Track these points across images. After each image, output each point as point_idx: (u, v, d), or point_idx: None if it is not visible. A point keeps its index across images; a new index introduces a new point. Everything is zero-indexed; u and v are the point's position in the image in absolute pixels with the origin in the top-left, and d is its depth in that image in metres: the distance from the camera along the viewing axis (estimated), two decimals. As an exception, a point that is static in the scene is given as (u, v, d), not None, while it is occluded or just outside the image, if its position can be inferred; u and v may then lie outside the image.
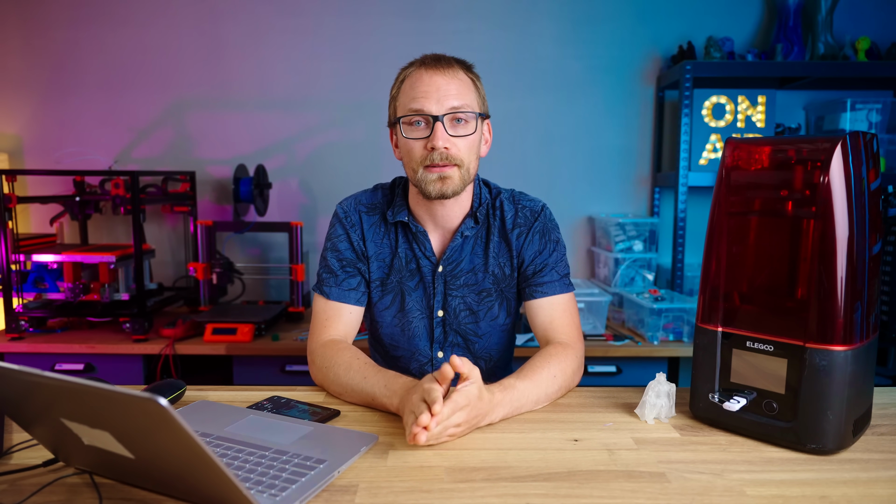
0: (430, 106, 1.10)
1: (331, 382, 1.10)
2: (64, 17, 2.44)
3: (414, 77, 1.13)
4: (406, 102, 1.12)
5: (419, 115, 1.11)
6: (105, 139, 2.50)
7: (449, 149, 1.10)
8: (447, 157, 1.10)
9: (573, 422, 0.98)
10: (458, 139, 1.12)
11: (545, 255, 1.23)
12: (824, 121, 2.42)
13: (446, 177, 1.11)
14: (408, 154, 1.14)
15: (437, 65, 1.12)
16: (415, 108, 1.10)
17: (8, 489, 0.75)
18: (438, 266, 1.23)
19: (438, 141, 1.09)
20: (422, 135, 1.11)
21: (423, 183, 1.12)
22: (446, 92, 1.10)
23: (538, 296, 1.21)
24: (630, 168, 2.58)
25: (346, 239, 1.24)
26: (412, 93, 1.12)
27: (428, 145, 1.10)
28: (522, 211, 1.25)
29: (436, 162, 1.10)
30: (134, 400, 0.58)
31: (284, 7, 2.46)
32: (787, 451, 0.88)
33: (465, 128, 1.12)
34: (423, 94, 1.10)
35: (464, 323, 1.24)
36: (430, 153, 1.10)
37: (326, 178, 2.54)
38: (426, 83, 1.11)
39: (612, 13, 2.49)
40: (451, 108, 1.10)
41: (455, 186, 1.13)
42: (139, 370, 1.99)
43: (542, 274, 1.22)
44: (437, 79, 1.11)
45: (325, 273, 1.23)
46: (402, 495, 0.75)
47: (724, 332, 0.95)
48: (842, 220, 0.82)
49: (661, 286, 2.47)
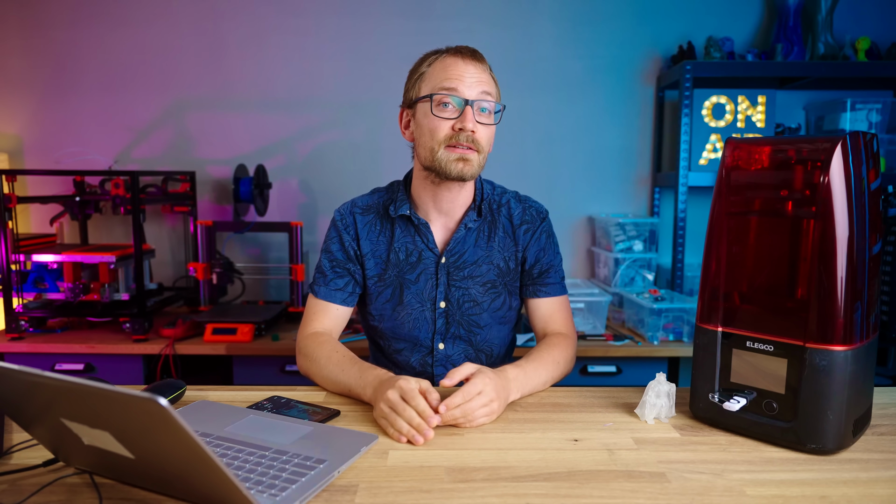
0: (463, 89, 1.14)
1: (314, 374, 1.16)
2: (64, 17, 2.44)
3: (448, 61, 1.17)
4: (438, 82, 1.15)
5: (452, 96, 1.14)
6: (105, 139, 2.50)
7: (476, 132, 1.14)
8: (473, 140, 1.14)
9: (573, 422, 0.98)
10: (482, 126, 1.16)
11: (549, 256, 1.30)
12: (824, 121, 2.42)
13: (468, 159, 1.15)
14: (430, 132, 1.16)
15: (473, 55, 1.18)
16: (448, 88, 1.14)
17: (8, 489, 0.75)
18: (442, 257, 1.26)
19: (469, 122, 1.13)
20: (451, 115, 1.15)
21: (443, 162, 1.15)
22: (479, 79, 1.16)
23: (542, 295, 1.29)
24: (630, 168, 2.58)
25: (338, 241, 1.29)
26: (445, 74, 1.15)
27: (456, 125, 1.14)
28: (529, 210, 1.31)
29: (462, 142, 1.14)
30: (134, 400, 0.58)
31: (285, 7, 2.46)
32: (787, 451, 0.88)
33: (488, 117, 1.18)
34: (458, 77, 1.14)
35: (467, 314, 1.27)
36: (456, 133, 1.14)
37: (326, 178, 2.54)
38: (461, 68, 1.15)
39: (612, 13, 2.49)
40: (483, 93, 1.15)
41: (473, 170, 1.17)
42: (139, 370, 1.99)
43: (548, 275, 1.29)
44: (470, 66, 1.16)
45: (317, 273, 1.31)
46: (402, 495, 0.75)
47: (724, 332, 0.95)
48: (842, 220, 0.82)
49: (661, 286, 2.47)
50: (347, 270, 1.27)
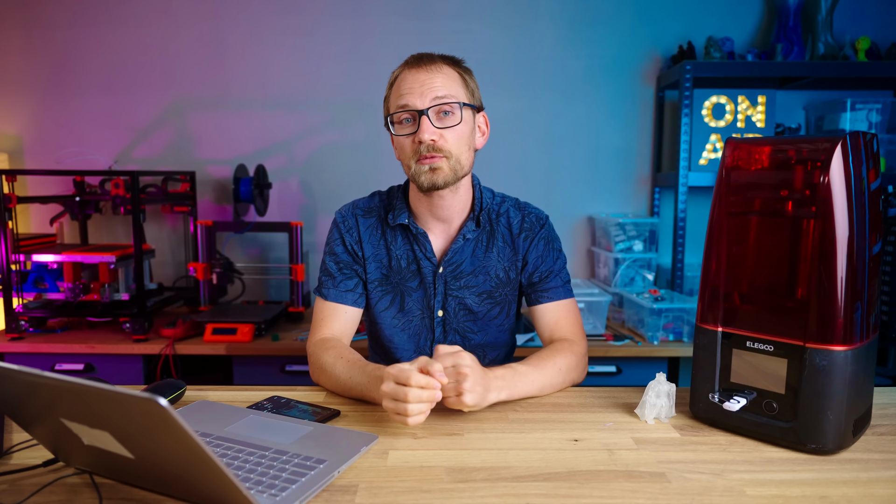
0: (413, 101, 1.13)
1: (325, 380, 1.14)
2: (64, 17, 2.44)
3: (400, 77, 1.17)
4: (394, 101, 1.16)
5: (405, 112, 1.14)
6: (105, 139, 2.50)
7: (436, 140, 1.13)
8: (435, 148, 1.13)
9: (573, 422, 0.98)
10: (446, 130, 1.14)
11: (549, 262, 1.27)
12: (824, 121, 2.42)
13: (436, 167, 1.14)
14: (401, 150, 1.18)
15: (419, 62, 1.16)
16: (401, 105, 1.14)
17: (8, 489, 0.75)
18: (439, 267, 1.25)
19: (424, 134, 1.12)
20: (410, 130, 1.15)
21: (417, 175, 1.15)
22: (430, 86, 1.13)
23: (544, 300, 1.26)
24: (630, 168, 2.58)
25: (341, 242, 1.27)
26: (398, 91, 1.16)
27: (416, 139, 1.13)
28: (528, 217, 1.29)
29: (424, 154, 1.13)
30: (134, 400, 0.58)
31: (285, 7, 2.46)
32: (787, 451, 0.88)
33: (451, 119, 1.15)
34: (408, 91, 1.14)
35: (462, 322, 1.26)
36: (418, 146, 1.13)
37: (326, 178, 2.54)
38: (410, 80, 1.14)
39: (612, 13, 2.49)
40: (435, 98, 1.13)
41: (446, 177, 1.15)
42: (139, 370, 1.99)
43: (548, 280, 1.26)
44: (420, 75, 1.14)
45: (324, 276, 1.27)
46: (402, 495, 0.75)
47: (724, 332, 0.95)
48: (842, 220, 0.82)
49: (661, 286, 2.47)
50: (355, 272, 1.26)
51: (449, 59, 1.19)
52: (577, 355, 1.18)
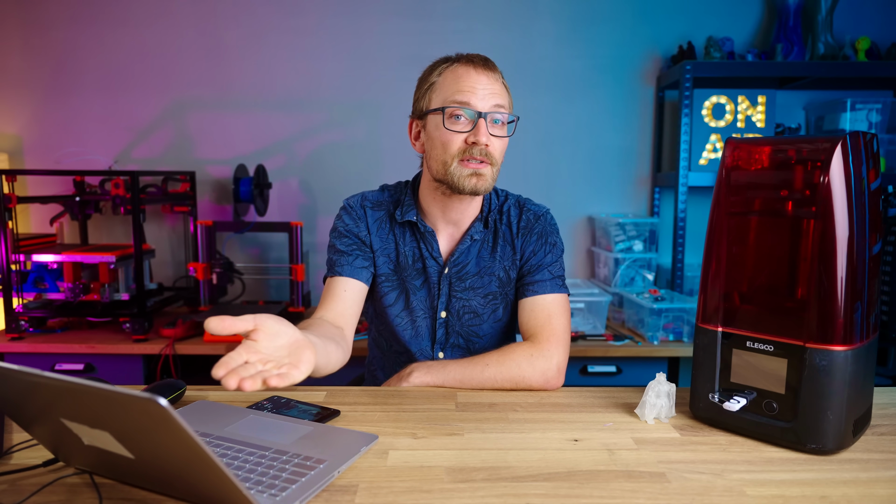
0: (476, 101, 1.11)
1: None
2: (64, 17, 2.44)
3: (460, 71, 1.14)
4: (450, 94, 1.12)
5: (464, 109, 1.11)
6: (105, 139, 2.50)
7: (489, 145, 1.12)
8: (486, 153, 1.12)
9: (573, 422, 0.98)
10: (496, 139, 1.13)
11: (540, 255, 1.24)
12: (824, 121, 2.42)
13: (481, 174, 1.13)
14: (442, 146, 1.14)
15: (485, 65, 1.14)
16: (461, 101, 1.11)
17: (8, 489, 0.75)
18: (445, 268, 1.24)
19: (482, 136, 1.10)
20: (463, 128, 1.12)
21: (456, 177, 1.13)
22: (491, 91, 1.12)
23: (528, 294, 1.22)
24: (630, 168, 2.58)
25: (353, 227, 1.24)
26: (457, 85, 1.12)
27: (469, 139, 1.11)
28: (527, 214, 1.27)
29: (475, 156, 1.11)
30: (134, 400, 0.58)
31: (285, 7, 2.46)
32: (787, 451, 0.88)
33: (501, 129, 1.15)
34: (470, 89, 1.11)
35: (467, 325, 1.25)
36: (469, 147, 1.11)
37: (326, 178, 2.54)
38: (474, 79, 1.12)
39: (612, 13, 2.49)
40: (496, 106, 1.12)
41: (487, 184, 1.14)
42: (139, 370, 1.99)
43: (535, 274, 1.23)
44: (483, 77, 1.13)
45: (335, 255, 1.23)
46: (402, 495, 0.75)
47: (724, 332, 0.95)
48: (842, 220, 0.82)
49: (661, 286, 2.47)
50: (365, 253, 1.23)
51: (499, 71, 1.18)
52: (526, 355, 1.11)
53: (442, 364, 1.15)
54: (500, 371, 1.11)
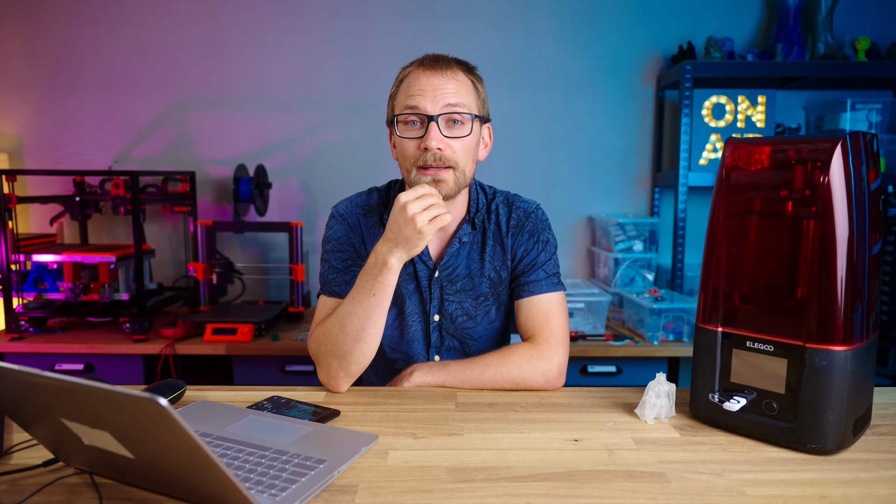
0: (425, 104, 1.09)
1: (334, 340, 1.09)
2: (64, 17, 2.44)
3: (412, 76, 1.12)
4: (402, 101, 1.12)
5: (414, 114, 1.10)
6: (105, 139, 2.50)
7: (443, 150, 1.09)
8: (441, 158, 1.09)
9: (573, 422, 0.98)
10: (454, 140, 1.10)
11: (533, 254, 1.22)
12: (824, 121, 2.42)
13: (440, 180, 1.10)
14: (402, 154, 1.14)
15: (435, 64, 1.11)
16: (410, 106, 1.10)
17: (8, 489, 0.75)
18: (435, 271, 1.23)
19: (432, 141, 1.08)
20: (416, 134, 1.10)
21: (417, 185, 1.10)
22: (443, 91, 1.09)
23: (525, 294, 1.20)
24: (630, 168, 2.58)
25: (347, 240, 1.23)
26: (408, 91, 1.11)
27: (421, 145, 1.09)
28: (516, 212, 1.24)
29: (429, 163, 1.09)
30: (134, 400, 0.58)
31: (284, 7, 2.46)
32: (787, 451, 0.88)
33: (460, 129, 1.11)
34: (419, 93, 1.09)
35: (460, 327, 1.24)
36: (423, 153, 1.09)
37: (326, 178, 2.54)
38: (423, 82, 1.10)
39: (612, 13, 2.49)
40: (447, 105, 1.09)
41: (449, 189, 1.11)
42: (139, 370, 1.99)
43: (530, 273, 1.21)
44: (434, 78, 1.10)
45: (333, 273, 1.21)
46: (402, 495, 0.75)
47: (724, 332, 0.95)
48: (842, 220, 0.82)
49: (661, 286, 2.47)
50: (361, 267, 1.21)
51: (464, 64, 1.15)
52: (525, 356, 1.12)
53: (443, 364, 1.15)
54: (500, 372, 1.11)
